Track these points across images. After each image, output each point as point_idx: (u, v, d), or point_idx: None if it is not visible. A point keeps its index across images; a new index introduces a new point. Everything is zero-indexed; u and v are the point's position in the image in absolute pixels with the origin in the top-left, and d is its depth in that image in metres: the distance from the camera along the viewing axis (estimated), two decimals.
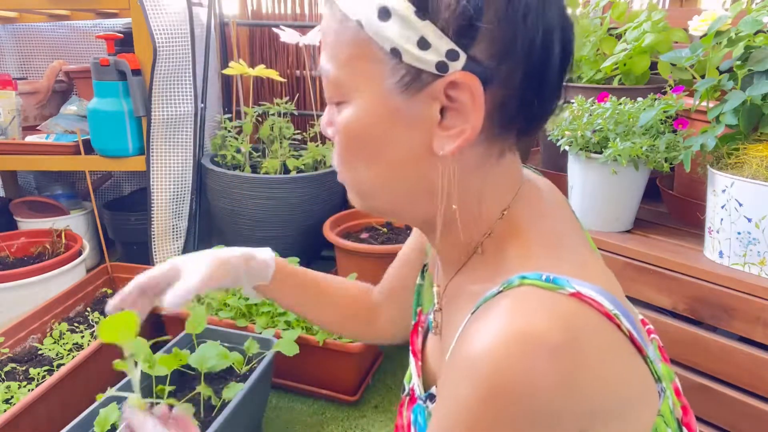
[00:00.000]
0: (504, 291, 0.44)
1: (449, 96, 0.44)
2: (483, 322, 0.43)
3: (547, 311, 0.41)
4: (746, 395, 0.97)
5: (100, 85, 1.76)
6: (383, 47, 0.44)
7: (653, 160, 1.07)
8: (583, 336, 0.40)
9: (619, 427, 0.44)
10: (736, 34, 1.02)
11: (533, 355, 0.38)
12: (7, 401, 1.23)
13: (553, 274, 0.43)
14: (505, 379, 0.38)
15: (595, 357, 0.41)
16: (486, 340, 0.40)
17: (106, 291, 1.74)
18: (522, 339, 0.39)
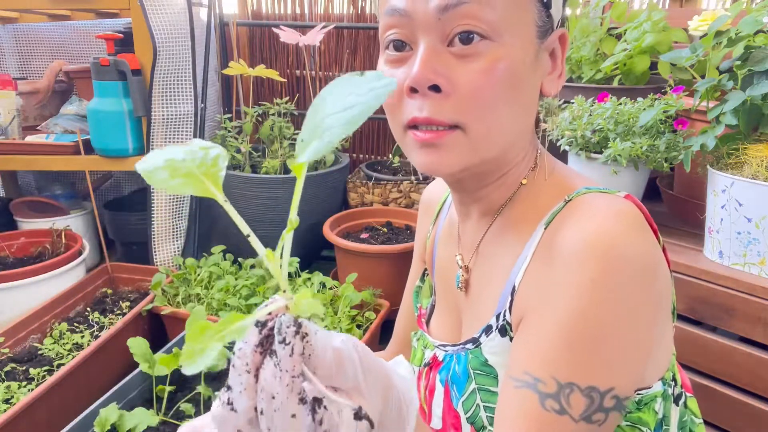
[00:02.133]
0: (573, 200, 0.52)
1: (554, 47, 0.54)
2: (574, 222, 0.49)
3: (622, 203, 0.50)
4: (746, 395, 0.97)
5: (100, 85, 1.76)
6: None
7: (653, 160, 1.07)
8: (644, 220, 0.49)
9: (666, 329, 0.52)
10: (736, 34, 1.02)
11: (631, 226, 0.47)
12: (7, 401, 1.23)
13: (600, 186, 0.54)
14: (615, 246, 0.45)
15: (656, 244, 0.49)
16: (589, 229, 0.47)
17: (106, 291, 1.74)
18: (618, 216, 0.47)
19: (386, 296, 1.66)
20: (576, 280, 0.45)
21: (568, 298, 0.45)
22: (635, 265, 0.45)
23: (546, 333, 0.46)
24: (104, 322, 1.57)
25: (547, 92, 0.55)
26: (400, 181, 2.01)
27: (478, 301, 0.60)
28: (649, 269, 0.46)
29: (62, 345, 1.45)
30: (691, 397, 0.57)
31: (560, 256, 0.47)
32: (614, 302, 0.44)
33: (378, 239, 1.85)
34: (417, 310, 0.75)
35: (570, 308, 0.45)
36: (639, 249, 0.45)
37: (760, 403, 0.96)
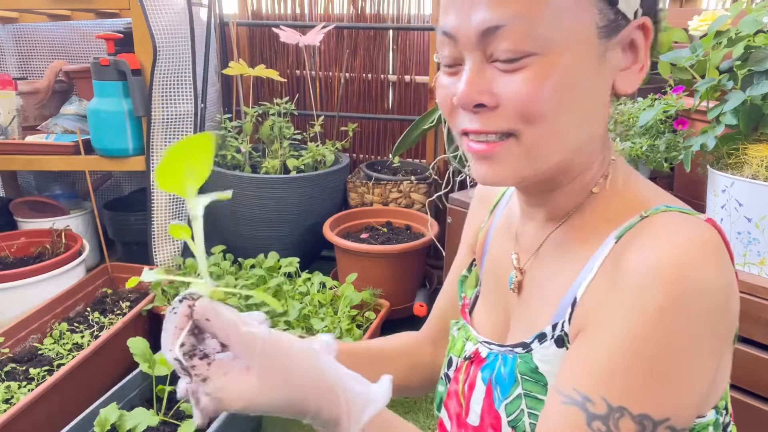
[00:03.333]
0: (650, 216, 0.50)
1: (632, 39, 0.50)
2: (648, 239, 0.47)
3: (704, 228, 0.47)
4: (746, 395, 0.97)
5: (100, 85, 1.76)
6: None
7: (653, 160, 1.07)
8: (723, 248, 0.46)
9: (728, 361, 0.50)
10: (736, 34, 1.02)
11: (709, 255, 0.44)
12: (7, 401, 1.23)
13: (683, 207, 0.50)
14: (693, 276, 0.43)
15: (734, 276, 0.47)
16: (664, 250, 0.45)
17: (106, 291, 1.74)
18: (697, 243, 0.44)
19: (386, 296, 1.66)
20: (642, 304, 0.44)
21: (632, 322, 0.44)
22: (707, 300, 0.43)
23: (602, 352, 0.45)
24: (104, 322, 1.57)
25: (622, 90, 0.51)
26: (400, 181, 2.01)
27: (531, 306, 0.59)
28: (720, 304, 0.44)
29: (62, 345, 1.45)
30: (733, 424, 0.55)
31: (629, 276, 0.45)
32: (679, 334, 0.43)
33: (378, 239, 1.85)
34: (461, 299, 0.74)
35: (632, 332, 0.44)
36: (713, 282, 0.43)
37: (760, 403, 0.95)
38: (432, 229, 1.80)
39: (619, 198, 0.54)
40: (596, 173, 0.55)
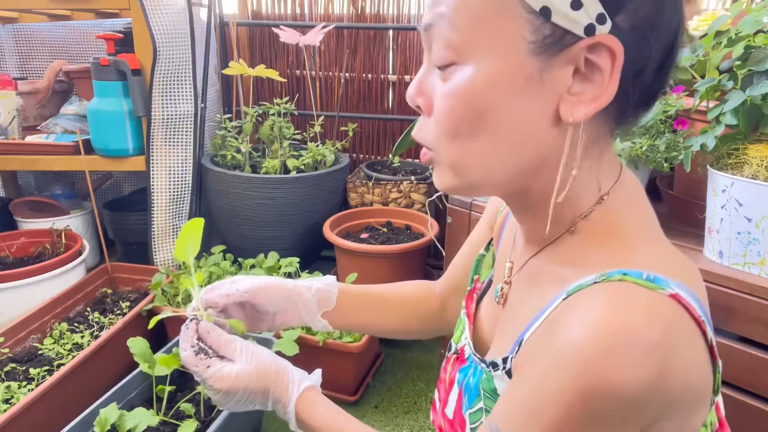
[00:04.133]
0: (602, 282, 0.44)
1: (588, 60, 0.43)
2: (581, 312, 0.43)
3: (648, 310, 0.41)
4: (746, 395, 0.97)
5: (100, 85, 1.77)
6: (531, 5, 0.42)
7: (653, 160, 1.07)
8: (676, 338, 0.41)
9: (680, 423, 0.45)
10: (736, 34, 1.02)
11: (632, 350, 0.39)
12: (7, 401, 1.23)
13: (653, 273, 0.44)
14: (603, 374, 0.39)
15: (683, 359, 0.42)
16: (585, 332, 0.41)
17: (106, 291, 1.74)
18: (622, 333, 0.39)
19: None
20: (551, 380, 0.42)
21: (540, 389, 0.44)
22: (611, 403, 0.40)
23: (518, 401, 0.46)
24: (104, 322, 1.57)
25: (563, 116, 0.44)
26: (400, 181, 2.01)
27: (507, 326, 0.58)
28: (632, 408, 0.40)
29: (62, 345, 1.45)
30: None
31: (553, 344, 0.43)
32: (577, 423, 0.42)
33: (378, 239, 1.85)
34: (472, 281, 0.71)
35: (538, 398, 0.43)
36: (626, 387, 0.39)
37: (760, 403, 0.96)
38: (432, 229, 1.80)
39: (592, 247, 0.50)
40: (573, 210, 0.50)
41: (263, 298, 0.71)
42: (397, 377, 1.69)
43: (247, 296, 0.70)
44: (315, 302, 0.73)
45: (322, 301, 0.74)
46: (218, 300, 0.70)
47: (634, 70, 0.44)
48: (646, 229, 0.51)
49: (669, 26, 0.44)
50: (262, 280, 0.72)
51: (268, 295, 0.72)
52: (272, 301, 0.72)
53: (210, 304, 0.70)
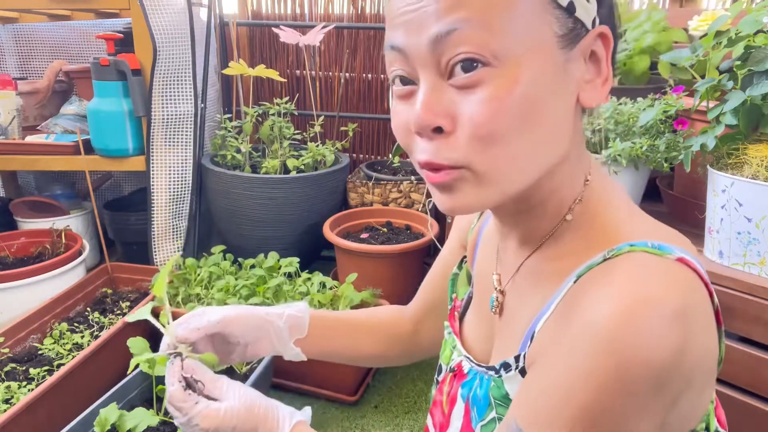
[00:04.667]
0: (612, 258, 0.45)
1: (593, 49, 0.47)
2: (601, 290, 0.43)
3: (665, 277, 0.42)
4: (746, 395, 0.97)
5: (100, 85, 1.76)
6: (560, 1, 0.44)
7: (653, 160, 1.07)
8: (694, 302, 0.42)
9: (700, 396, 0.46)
10: (736, 34, 1.02)
11: (658, 319, 0.40)
12: (7, 401, 1.23)
13: (657, 241, 0.45)
14: (634, 346, 0.40)
15: (702, 323, 0.43)
16: (608, 307, 0.41)
17: (106, 291, 1.74)
18: (644, 304, 0.40)
19: (386, 296, 1.66)
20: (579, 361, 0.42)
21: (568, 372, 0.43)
22: (646, 370, 0.40)
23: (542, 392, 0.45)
24: (104, 322, 1.57)
25: (588, 103, 0.47)
26: (400, 181, 2.01)
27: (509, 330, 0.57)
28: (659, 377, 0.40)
29: (62, 345, 1.45)
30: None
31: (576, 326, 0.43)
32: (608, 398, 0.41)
33: (378, 239, 1.85)
34: (451, 300, 0.72)
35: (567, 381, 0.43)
36: (657, 351, 0.40)
37: (760, 403, 0.96)
38: (432, 229, 1.80)
39: (590, 228, 0.50)
40: (568, 196, 0.51)
41: (235, 329, 0.68)
42: (397, 377, 1.69)
43: (219, 327, 0.67)
44: (287, 330, 0.70)
45: (294, 328, 0.71)
46: (189, 335, 0.66)
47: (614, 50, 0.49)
48: (629, 202, 0.52)
49: (618, 12, 0.49)
50: (233, 310, 0.69)
51: (240, 325, 0.68)
52: (243, 331, 0.69)
53: (181, 340, 0.65)
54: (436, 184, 0.47)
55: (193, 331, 0.66)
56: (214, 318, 0.67)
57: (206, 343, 0.68)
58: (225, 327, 0.68)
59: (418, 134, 0.46)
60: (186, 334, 0.66)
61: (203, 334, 0.66)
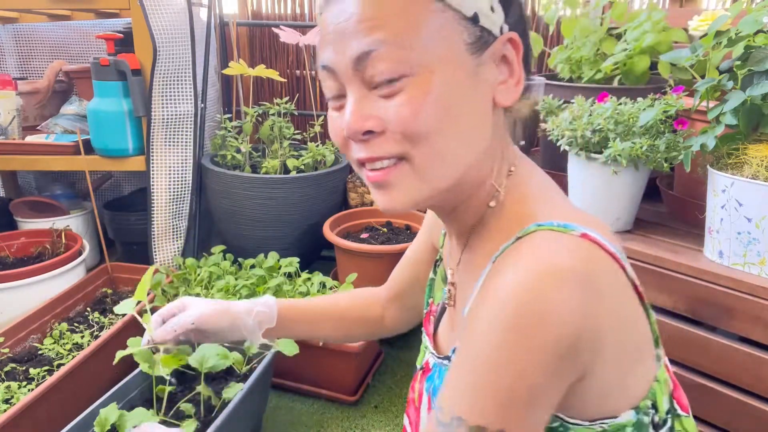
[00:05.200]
0: (522, 237, 0.49)
1: (503, 53, 0.51)
2: (509, 263, 0.47)
3: (566, 248, 0.45)
4: (746, 395, 0.97)
5: (100, 85, 1.76)
6: (465, 13, 0.49)
7: (653, 160, 1.07)
8: (598, 270, 0.45)
9: (626, 372, 0.48)
10: (736, 34, 1.02)
11: (562, 284, 0.43)
12: (7, 401, 1.23)
13: (563, 221, 0.48)
14: (535, 310, 0.42)
15: (609, 291, 0.45)
16: (515, 276, 0.44)
17: (106, 291, 1.74)
18: (551, 271, 0.43)
19: None
20: (486, 330, 0.45)
21: (478, 344, 0.45)
22: (550, 331, 0.42)
23: (457, 369, 0.47)
24: (104, 322, 1.57)
25: (501, 103, 0.52)
26: None
27: (458, 320, 0.62)
28: (569, 331, 0.43)
29: (62, 345, 1.45)
30: (686, 417, 0.55)
31: (486, 301, 0.46)
32: (516, 360, 0.43)
33: (378, 239, 1.85)
34: (427, 304, 0.75)
35: (476, 352, 0.45)
36: (560, 314, 0.42)
37: (760, 403, 0.96)
38: None
39: (511, 215, 0.54)
40: (493, 188, 0.56)
41: (208, 327, 0.78)
42: (397, 377, 1.69)
43: (194, 326, 0.77)
44: (257, 324, 0.80)
45: (264, 321, 0.80)
46: (166, 336, 0.77)
47: (525, 50, 0.53)
48: (554, 194, 0.56)
49: (526, 18, 0.54)
50: (208, 308, 0.79)
51: (213, 323, 0.78)
52: (216, 328, 0.79)
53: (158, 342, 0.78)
54: (376, 182, 0.52)
55: (169, 332, 0.77)
56: (190, 318, 0.77)
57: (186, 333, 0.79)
58: (199, 325, 0.78)
59: (351, 139, 0.52)
60: (163, 336, 0.77)
61: (178, 334, 0.78)
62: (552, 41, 1.94)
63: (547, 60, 1.52)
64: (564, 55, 1.39)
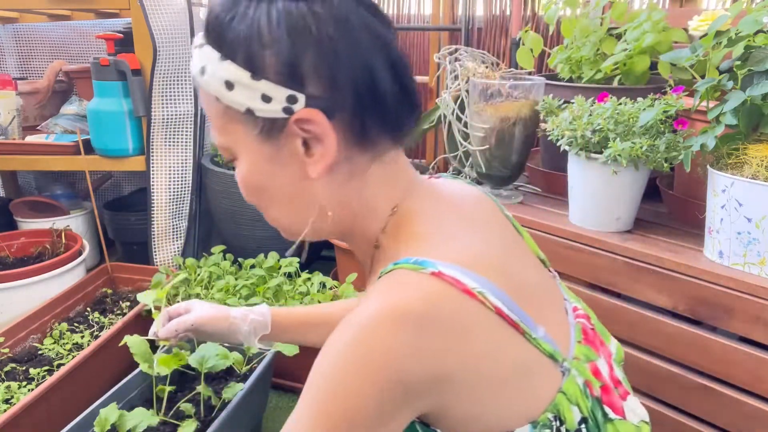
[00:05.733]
0: (382, 276, 0.53)
1: (304, 129, 0.53)
2: (363, 301, 0.51)
3: (411, 289, 0.49)
4: (746, 395, 0.97)
5: (100, 85, 1.76)
6: (239, 110, 0.54)
7: (653, 160, 1.07)
8: (443, 309, 0.48)
9: (479, 397, 0.51)
10: (736, 34, 1.02)
11: (395, 325, 0.46)
12: (7, 401, 1.23)
13: (422, 257, 0.52)
14: (366, 344, 0.46)
15: (449, 327, 0.48)
16: (358, 314, 0.48)
17: (106, 291, 1.74)
18: (388, 311, 0.47)
19: None
20: (325, 360, 0.49)
21: (313, 374, 0.49)
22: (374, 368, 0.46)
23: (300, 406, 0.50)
24: (104, 322, 1.57)
25: (310, 175, 0.55)
26: None
27: None
28: (395, 376, 0.46)
29: (62, 345, 1.45)
30: (620, 420, 0.57)
31: (333, 334, 0.50)
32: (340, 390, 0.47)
33: None
34: None
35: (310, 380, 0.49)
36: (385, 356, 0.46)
37: (760, 403, 0.96)
38: None
39: (392, 252, 0.58)
40: (374, 228, 0.60)
41: (207, 329, 0.91)
42: None
43: (193, 328, 0.90)
44: (252, 331, 0.91)
45: (258, 328, 0.91)
46: (168, 335, 0.91)
47: (351, 117, 0.54)
48: (435, 229, 0.58)
49: (355, 73, 0.52)
50: (208, 312, 0.91)
51: (211, 327, 0.91)
52: (214, 331, 0.91)
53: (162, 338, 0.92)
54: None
55: (171, 332, 0.90)
56: (189, 320, 0.90)
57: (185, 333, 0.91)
58: (199, 327, 0.90)
59: None
60: (166, 334, 0.90)
61: (180, 335, 0.91)
62: (552, 41, 1.94)
63: (547, 60, 1.52)
64: (564, 55, 1.39)
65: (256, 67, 0.52)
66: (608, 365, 0.61)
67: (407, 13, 2.22)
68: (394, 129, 0.58)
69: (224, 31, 0.52)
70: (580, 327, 0.62)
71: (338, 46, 0.52)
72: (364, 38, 0.53)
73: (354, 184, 0.58)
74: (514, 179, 1.41)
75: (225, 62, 0.52)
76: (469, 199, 0.66)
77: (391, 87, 0.55)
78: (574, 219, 1.22)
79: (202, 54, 0.54)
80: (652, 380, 1.09)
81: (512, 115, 1.30)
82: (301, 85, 0.52)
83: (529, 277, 0.61)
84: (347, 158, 0.56)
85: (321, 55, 0.51)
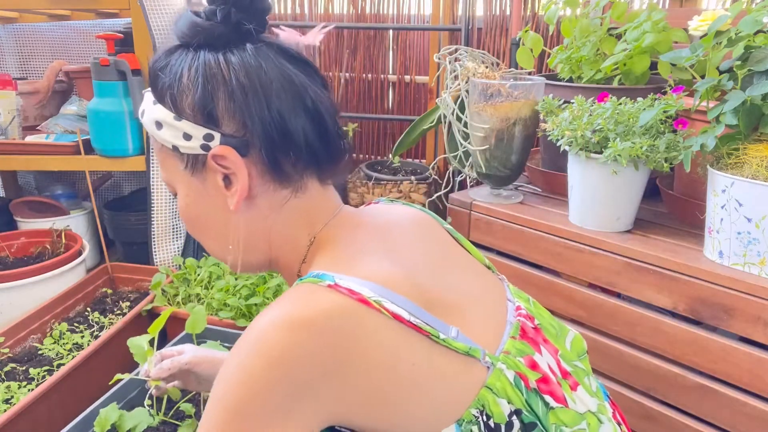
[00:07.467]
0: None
1: (221, 165, 0.59)
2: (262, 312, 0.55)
3: (306, 298, 0.53)
4: (746, 395, 0.97)
5: (100, 85, 1.76)
6: (168, 146, 0.61)
7: (653, 160, 1.07)
8: (327, 316, 0.51)
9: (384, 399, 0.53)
10: (736, 34, 1.02)
11: (284, 327, 0.50)
12: (7, 401, 1.23)
13: (323, 272, 0.56)
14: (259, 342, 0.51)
15: (340, 333, 0.51)
16: (255, 323, 0.53)
17: (106, 291, 1.74)
18: (281, 316, 0.51)
19: None
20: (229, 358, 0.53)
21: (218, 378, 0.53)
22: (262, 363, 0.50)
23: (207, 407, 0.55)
24: (104, 322, 1.57)
25: (231, 207, 0.61)
26: (400, 181, 2.01)
27: None
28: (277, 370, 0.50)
29: (62, 345, 1.45)
30: (561, 408, 0.59)
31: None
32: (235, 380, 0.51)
33: None
34: None
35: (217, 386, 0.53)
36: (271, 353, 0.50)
37: (760, 403, 0.96)
38: None
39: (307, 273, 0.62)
40: (294, 260, 0.65)
41: (201, 370, 0.92)
42: None
43: (187, 367, 0.92)
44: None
45: None
46: (161, 374, 0.92)
47: (263, 155, 0.59)
48: (343, 252, 0.61)
49: (265, 115, 0.58)
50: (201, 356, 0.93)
51: (205, 368, 0.93)
52: (209, 373, 0.93)
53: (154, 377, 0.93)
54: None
55: (165, 371, 0.92)
56: (183, 360, 0.92)
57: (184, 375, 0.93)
58: (193, 367, 0.92)
59: None
60: (159, 374, 0.92)
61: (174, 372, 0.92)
62: (552, 41, 1.94)
63: (547, 60, 1.52)
64: (564, 55, 1.39)
65: (178, 109, 0.60)
66: (554, 360, 0.64)
67: (407, 13, 2.23)
68: (313, 166, 0.63)
69: (156, 79, 0.61)
70: (519, 325, 0.65)
71: (248, 91, 0.58)
72: (277, 84, 0.59)
73: (274, 216, 0.64)
74: (514, 179, 1.41)
75: (157, 105, 0.61)
76: (402, 221, 0.70)
77: (305, 128, 0.60)
78: (574, 219, 1.22)
79: (145, 98, 0.63)
80: (652, 380, 1.09)
81: (512, 115, 1.30)
82: (216, 125, 0.59)
83: (453, 285, 0.64)
84: (265, 192, 0.62)
85: (233, 99, 0.58)
